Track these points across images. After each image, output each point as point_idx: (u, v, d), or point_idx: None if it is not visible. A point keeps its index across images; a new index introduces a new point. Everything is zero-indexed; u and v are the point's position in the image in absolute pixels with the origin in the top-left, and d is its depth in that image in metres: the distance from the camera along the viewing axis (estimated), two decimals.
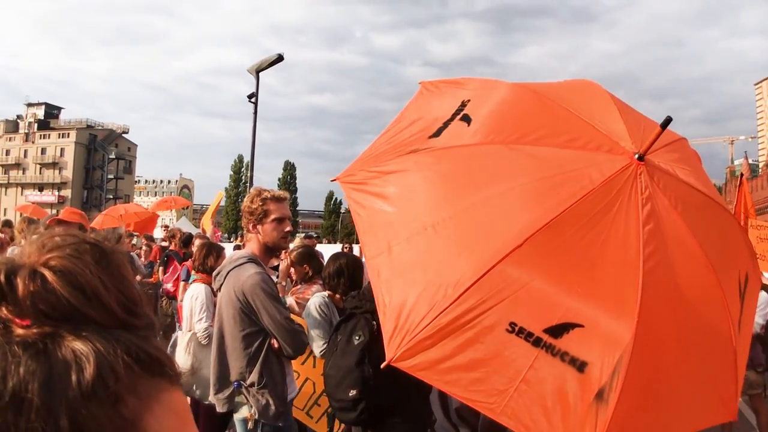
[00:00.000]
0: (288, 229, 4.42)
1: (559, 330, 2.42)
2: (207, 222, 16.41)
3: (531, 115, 2.99)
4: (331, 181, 3.13)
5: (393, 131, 3.15)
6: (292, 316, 5.51)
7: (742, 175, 12.35)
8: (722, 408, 2.78)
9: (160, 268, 12.90)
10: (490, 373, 2.47)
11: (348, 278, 5.60)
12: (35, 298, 0.93)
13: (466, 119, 3.00)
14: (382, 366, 2.57)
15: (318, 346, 5.47)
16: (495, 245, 2.54)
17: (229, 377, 4.28)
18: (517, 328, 2.42)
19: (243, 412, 4.27)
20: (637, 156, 2.73)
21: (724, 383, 2.76)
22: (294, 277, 6.96)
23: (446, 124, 3.01)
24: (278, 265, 7.56)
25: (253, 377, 4.17)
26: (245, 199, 4.51)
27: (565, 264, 2.57)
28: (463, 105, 3.09)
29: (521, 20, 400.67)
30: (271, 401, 4.17)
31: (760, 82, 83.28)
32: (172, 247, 13.14)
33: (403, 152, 2.96)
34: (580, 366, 2.41)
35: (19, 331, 0.92)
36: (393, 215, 2.85)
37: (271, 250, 4.54)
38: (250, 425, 4.25)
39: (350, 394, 4.16)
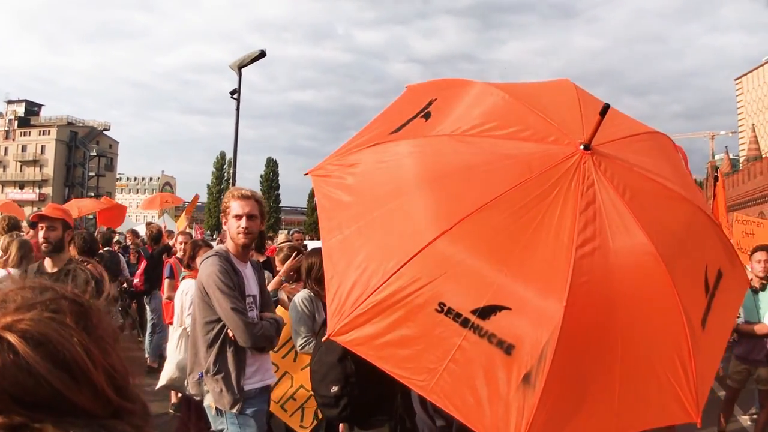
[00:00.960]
0: (245, 225, 4.47)
1: (486, 312, 2.47)
2: (182, 222, 16.40)
3: (484, 110, 3.05)
4: (304, 175, 3.29)
5: (366, 129, 3.30)
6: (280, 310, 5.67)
7: (716, 169, 12.42)
8: (676, 408, 2.68)
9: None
10: (421, 351, 2.55)
11: (315, 276, 5.65)
12: (4, 377, 0.70)
13: (426, 116, 3.12)
14: (323, 340, 2.65)
15: (299, 340, 5.51)
16: (427, 229, 2.62)
17: (197, 361, 4.44)
18: (445, 308, 2.50)
19: (208, 399, 4.44)
20: (582, 146, 2.75)
21: (677, 382, 2.68)
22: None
23: (408, 121, 3.13)
24: (264, 261, 7.62)
25: (209, 364, 4.31)
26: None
27: (495, 247, 2.62)
28: (430, 103, 3.20)
29: (503, 16, 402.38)
30: (224, 389, 4.26)
31: (741, 77, 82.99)
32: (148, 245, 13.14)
33: (365, 146, 3.09)
34: (507, 348, 2.46)
35: None
36: (349, 204, 2.98)
37: (241, 245, 4.60)
38: (213, 412, 4.40)
39: (332, 390, 4.24)
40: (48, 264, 5.36)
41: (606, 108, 2.67)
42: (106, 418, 0.74)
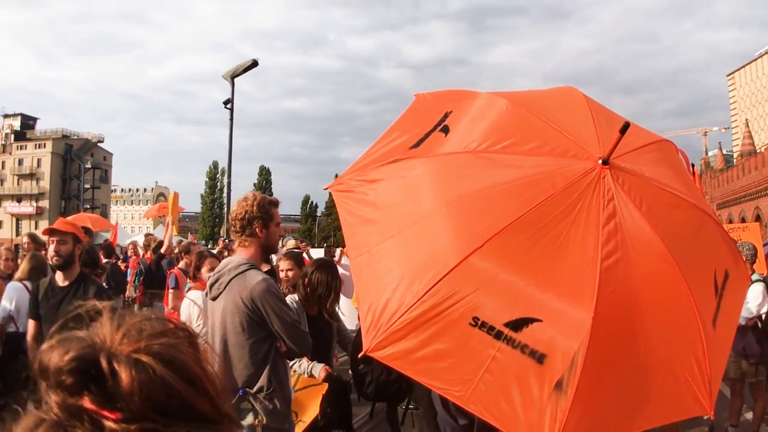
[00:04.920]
0: (281, 233, 4.66)
1: (519, 324, 2.60)
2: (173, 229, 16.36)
3: (503, 125, 3.15)
4: (324, 189, 3.41)
5: (382, 142, 3.37)
6: None
7: (693, 165, 12.66)
8: (693, 403, 2.84)
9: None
10: (456, 363, 2.68)
11: (325, 292, 5.65)
12: (143, 390, 0.85)
13: (445, 130, 3.21)
14: (359, 356, 2.78)
15: None
16: (459, 246, 2.74)
17: (231, 387, 4.19)
18: (479, 322, 2.62)
19: (248, 419, 4.23)
20: (601, 160, 2.88)
21: (693, 379, 2.84)
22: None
23: (427, 135, 3.21)
24: (268, 270, 7.68)
25: (262, 382, 4.20)
26: (245, 204, 4.47)
27: (525, 263, 2.74)
28: (446, 116, 3.29)
29: (494, 20, 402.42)
30: (278, 405, 4.21)
31: (733, 72, 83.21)
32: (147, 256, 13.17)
33: (386, 162, 3.17)
34: (540, 358, 2.59)
35: (112, 425, 0.84)
36: (374, 219, 3.07)
37: (269, 252, 4.66)
38: (259, 431, 4.22)
39: (360, 368, 4.55)
40: (59, 278, 5.38)
41: (626, 126, 2.79)
42: (218, 424, 0.93)
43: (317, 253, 14.02)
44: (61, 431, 0.83)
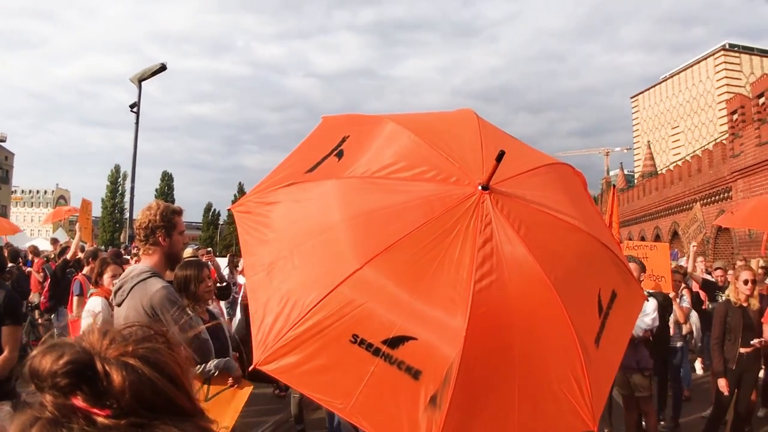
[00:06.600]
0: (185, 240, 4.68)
1: (395, 342, 2.76)
2: (87, 234, 16.10)
3: (393, 152, 3.28)
4: (227, 210, 3.46)
5: (285, 164, 3.52)
6: None
7: (614, 186, 13.57)
8: (573, 419, 2.96)
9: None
10: (338, 377, 2.84)
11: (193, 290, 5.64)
12: (133, 389, 0.96)
13: (340, 155, 3.35)
14: (249, 369, 2.91)
15: None
16: (341, 267, 2.88)
17: None
18: (358, 340, 2.78)
19: None
20: (480, 186, 3.03)
21: (572, 396, 2.96)
22: None
23: (323, 160, 3.35)
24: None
25: None
26: (149, 213, 4.57)
27: (402, 284, 2.89)
28: (342, 141, 3.43)
29: (404, 34, 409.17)
30: None
31: (637, 95, 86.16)
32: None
33: (283, 184, 3.31)
34: (415, 374, 2.75)
35: (104, 421, 0.95)
36: (269, 240, 3.20)
37: (173, 261, 4.74)
38: None
39: None
40: None
41: (501, 155, 2.92)
42: (194, 417, 1.04)
43: (221, 262, 14.01)
44: (57, 428, 0.92)
